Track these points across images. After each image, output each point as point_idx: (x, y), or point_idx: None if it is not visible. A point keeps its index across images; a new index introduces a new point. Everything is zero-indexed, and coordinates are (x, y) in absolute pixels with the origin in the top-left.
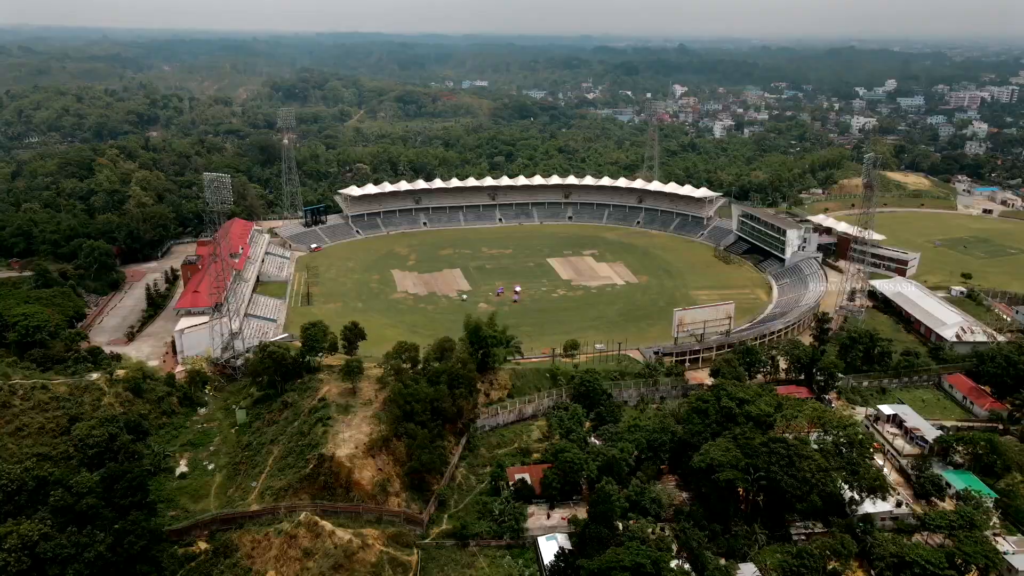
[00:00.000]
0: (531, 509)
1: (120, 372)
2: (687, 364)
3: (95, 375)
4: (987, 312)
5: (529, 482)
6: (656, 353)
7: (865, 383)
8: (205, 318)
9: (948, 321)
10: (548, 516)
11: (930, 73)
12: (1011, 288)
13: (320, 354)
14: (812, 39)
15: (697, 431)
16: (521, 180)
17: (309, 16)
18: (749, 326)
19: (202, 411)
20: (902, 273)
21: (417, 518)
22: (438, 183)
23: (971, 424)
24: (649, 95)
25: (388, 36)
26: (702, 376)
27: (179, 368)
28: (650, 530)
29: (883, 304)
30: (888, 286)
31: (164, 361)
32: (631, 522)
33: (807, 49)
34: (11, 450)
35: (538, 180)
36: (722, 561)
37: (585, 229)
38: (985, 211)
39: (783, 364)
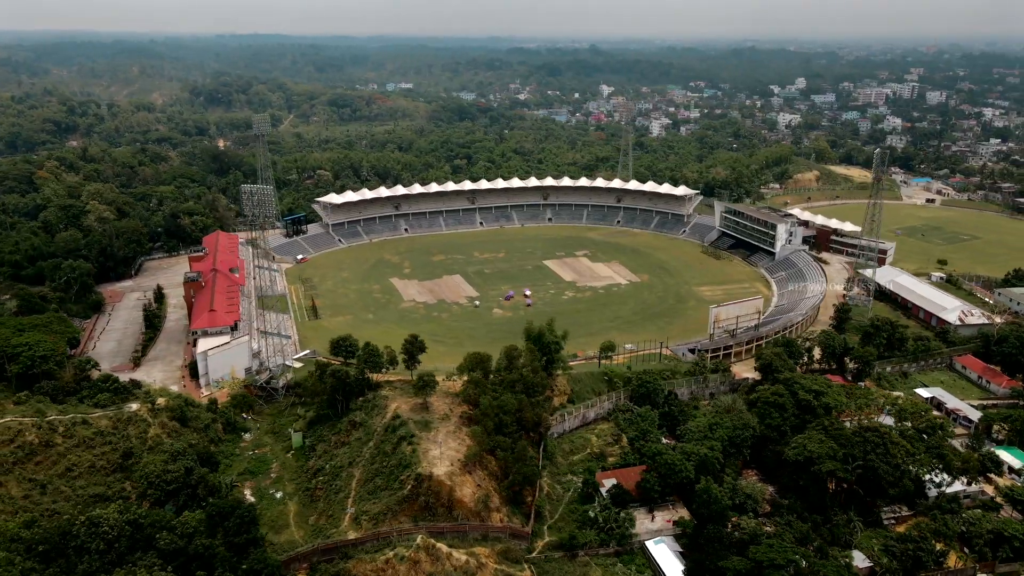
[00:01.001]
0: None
1: (161, 401)
2: (720, 359)
3: (135, 405)
4: (969, 296)
5: (623, 486)
6: (693, 351)
7: (888, 368)
8: (224, 338)
9: (948, 306)
10: (652, 519)
11: (831, 71)
12: (977, 272)
13: (384, 370)
14: (713, 41)
15: (776, 425)
16: (500, 183)
17: (198, 16)
18: (765, 319)
19: (248, 436)
20: (881, 262)
21: (522, 532)
22: (417, 188)
23: (994, 402)
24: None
25: (292, 38)
26: (740, 370)
27: (204, 392)
28: (754, 525)
29: (877, 292)
30: (881, 275)
31: (183, 386)
32: (733, 519)
33: (711, 49)
34: (65, 493)
35: (516, 183)
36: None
37: (567, 230)
38: (928, 200)
39: (817, 354)
